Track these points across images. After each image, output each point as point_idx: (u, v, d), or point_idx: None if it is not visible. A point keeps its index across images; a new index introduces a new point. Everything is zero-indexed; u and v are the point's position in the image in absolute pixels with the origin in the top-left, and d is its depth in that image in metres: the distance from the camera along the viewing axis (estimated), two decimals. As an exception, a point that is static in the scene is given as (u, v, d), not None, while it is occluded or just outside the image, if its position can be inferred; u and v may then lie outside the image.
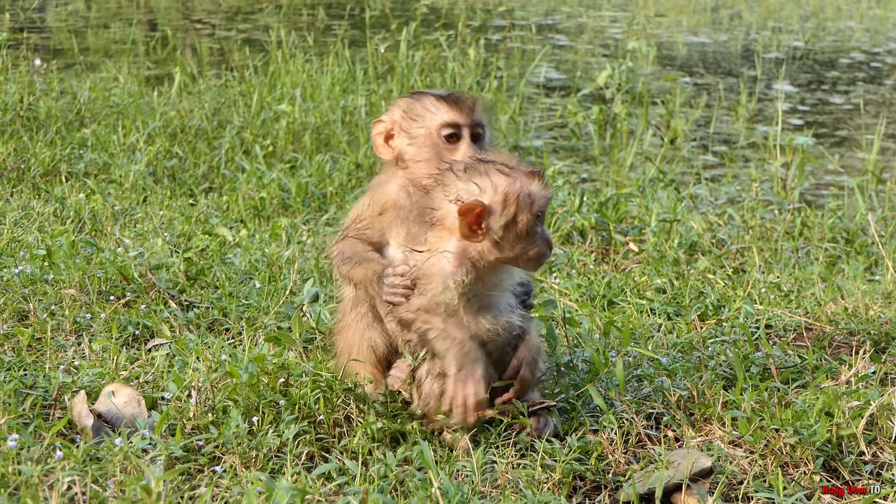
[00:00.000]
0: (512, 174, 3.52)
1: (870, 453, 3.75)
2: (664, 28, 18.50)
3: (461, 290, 3.55)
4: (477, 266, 3.55)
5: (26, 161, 7.35)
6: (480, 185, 3.51)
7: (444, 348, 3.54)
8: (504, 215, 3.48)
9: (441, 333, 3.54)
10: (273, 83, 10.38)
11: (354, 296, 3.87)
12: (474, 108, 3.78)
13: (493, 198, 3.49)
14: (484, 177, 3.51)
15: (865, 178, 9.01)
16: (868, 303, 5.22)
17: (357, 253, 3.79)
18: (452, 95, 3.80)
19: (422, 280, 3.58)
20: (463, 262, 3.54)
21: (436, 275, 3.56)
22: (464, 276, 3.54)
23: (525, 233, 3.51)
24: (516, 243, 3.52)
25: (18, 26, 15.63)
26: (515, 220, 3.49)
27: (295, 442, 3.53)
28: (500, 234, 3.49)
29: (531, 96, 12.33)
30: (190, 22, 17.40)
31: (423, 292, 3.58)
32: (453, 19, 16.76)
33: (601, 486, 3.52)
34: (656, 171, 8.48)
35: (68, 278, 4.91)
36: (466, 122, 3.75)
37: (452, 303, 3.55)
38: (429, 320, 3.56)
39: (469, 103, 3.77)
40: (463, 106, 3.75)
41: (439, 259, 3.56)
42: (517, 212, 3.49)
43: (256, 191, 7.33)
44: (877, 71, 15.37)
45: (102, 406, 3.65)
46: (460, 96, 3.79)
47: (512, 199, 3.48)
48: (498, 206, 3.48)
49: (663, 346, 4.63)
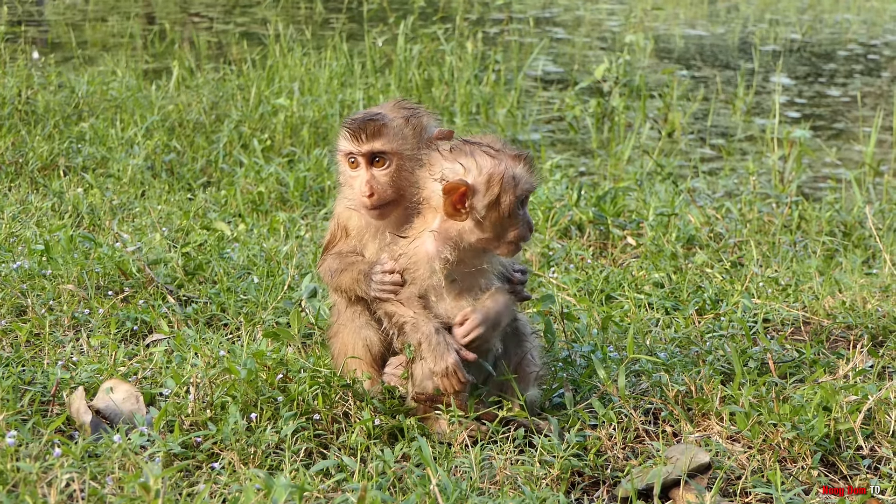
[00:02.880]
0: (497, 156, 3.57)
1: (867, 448, 3.75)
2: (661, 21, 18.49)
3: (446, 272, 3.58)
4: (458, 247, 3.60)
5: (24, 155, 7.35)
6: (465, 165, 3.56)
7: (416, 338, 3.59)
8: (487, 195, 3.53)
9: (412, 325, 3.59)
10: (271, 77, 10.38)
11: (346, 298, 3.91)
12: (371, 135, 3.78)
13: (477, 178, 3.53)
14: (469, 157, 3.57)
15: (863, 170, 9.02)
16: (866, 296, 5.23)
17: (341, 261, 3.85)
18: (353, 122, 3.81)
19: (409, 269, 3.61)
20: (446, 242, 3.59)
21: (421, 259, 3.61)
22: (448, 255, 3.57)
23: (507, 214, 3.55)
24: (498, 224, 3.56)
25: (16, 19, 15.61)
26: (498, 200, 3.53)
27: (293, 438, 3.53)
28: (482, 213, 3.54)
29: (529, 89, 12.32)
30: (188, 15, 17.37)
31: (412, 281, 3.61)
32: (451, 13, 16.75)
33: (599, 482, 3.53)
34: (654, 164, 8.48)
35: (66, 273, 4.91)
36: (359, 150, 3.78)
37: (440, 286, 3.58)
38: (403, 312, 3.60)
39: (367, 131, 3.77)
40: (360, 134, 3.77)
41: (423, 242, 3.61)
42: (500, 193, 3.53)
43: (255, 185, 7.33)
44: (874, 63, 15.37)
45: (101, 402, 3.65)
46: (358, 124, 3.80)
47: (496, 180, 3.53)
48: (482, 186, 3.53)
49: (661, 341, 4.63)
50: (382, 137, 3.75)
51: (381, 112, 3.82)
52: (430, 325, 3.58)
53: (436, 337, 3.56)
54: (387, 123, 3.76)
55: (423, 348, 3.57)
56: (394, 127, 3.77)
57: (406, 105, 3.89)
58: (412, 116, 3.83)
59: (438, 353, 3.56)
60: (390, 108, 3.86)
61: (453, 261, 3.60)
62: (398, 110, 3.85)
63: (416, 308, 3.60)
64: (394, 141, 3.76)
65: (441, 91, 10.71)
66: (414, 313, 3.59)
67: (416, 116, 3.83)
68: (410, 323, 3.60)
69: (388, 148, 3.75)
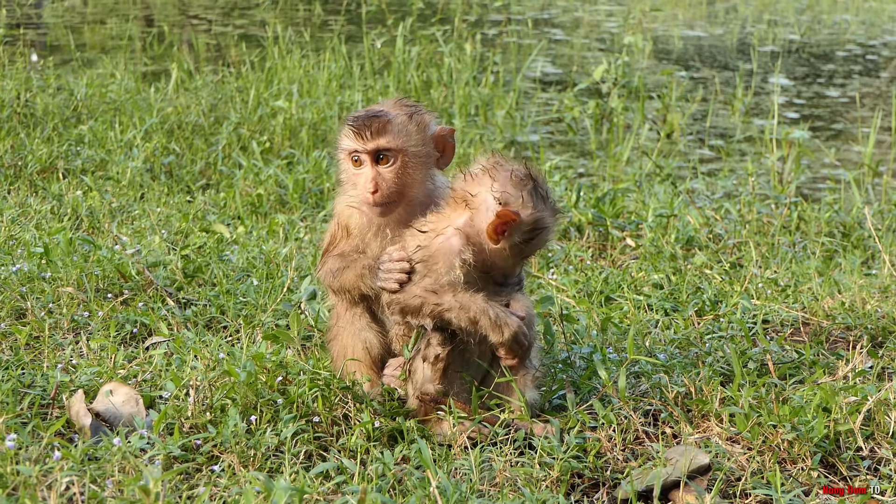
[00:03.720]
0: (549, 205, 3.68)
1: (867, 449, 3.75)
2: (660, 22, 18.49)
3: (465, 272, 3.58)
4: (479, 250, 3.63)
5: (23, 158, 7.34)
6: (524, 199, 3.62)
7: (469, 318, 3.56)
8: (526, 234, 3.62)
9: (460, 307, 3.56)
10: (270, 79, 10.38)
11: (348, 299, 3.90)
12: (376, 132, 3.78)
13: (528, 215, 3.60)
14: (528, 192, 3.63)
15: (862, 171, 9.02)
16: (865, 297, 5.23)
17: (343, 260, 3.85)
18: (357, 119, 3.81)
19: (427, 261, 3.60)
20: (469, 242, 3.62)
21: (443, 254, 3.60)
22: (468, 256, 3.59)
23: (524, 256, 3.70)
24: (513, 260, 3.67)
25: (15, 22, 15.61)
26: (529, 242, 3.63)
27: (293, 441, 3.53)
28: (509, 245, 3.61)
29: (528, 91, 12.32)
30: (186, 17, 17.37)
31: (427, 273, 3.60)
32: (449, 14, 16.75)
33: (599, 484, 3.53)
34: (653, 165, 8.49)
35: (66, 276, 4.91)
36: (364, 148, 3.77)
37: (458, 283, 3.58)
38: (439, 300, 3.57)
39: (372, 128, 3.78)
40: (364, 132, 3.77)
41: (447, 237, 3.62)
42: (536, 239, 3.65)
43: (254, 187, 7.33)
44: (873, 64, 15.37)
45: (100, 405, 3.65)
46: (362, 121, 3.80)
47: (540, 227, 3.64)
48: (527, 225, 3.60)
49: (661, 342, 4.63)
50: (387, 134, 3.75)
51: (384, 109, 3.82)
52: (479, 300, 3.56)
53: (492, 309, 3.55)
54: (391, 120, 3.77)
55: (483, 324, 3.54)
56: (398, 124, 3.78)
57: (407, 103, 3.89)
58: (415, 113, 3.83)
59: (501, 321, 3.55)
60: (392, 106, 3.86)
61: (472, 262, 3.61)
62: (400, 108, 3.85)
63: (452, 292, 3.58)
64: (398, 138, 3.77)
65: (440, 92, 10.71)
66: (454, 296, 3.57)
67: (418, 113, 3.84)
68: (456, 307, 3.56)
69: (394, 145, 3.75)
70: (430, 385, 3.63)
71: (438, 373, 3.64)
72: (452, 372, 3.66)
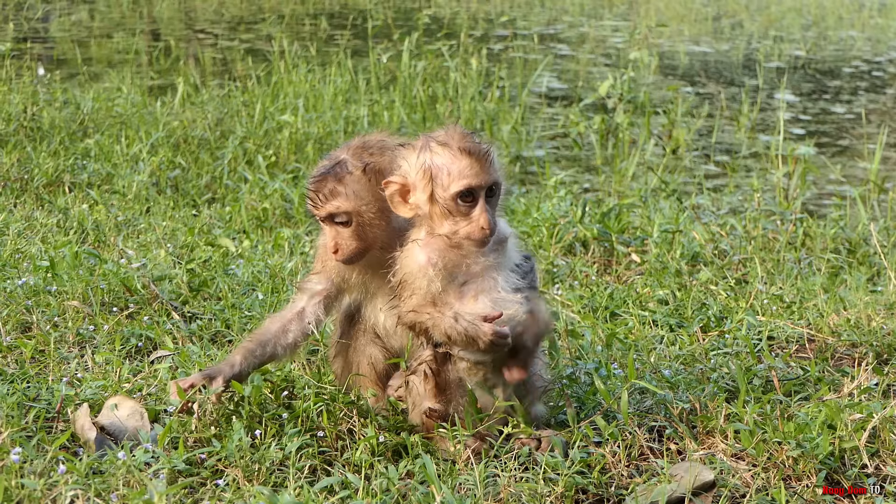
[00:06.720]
0: (438, 150, 3.54)
1: (872, 466, 3.74)
2: (666, 37, 18.52)
3: (443, 276, 3.55)
4: (444, 249, 3.55)
5: (29, 171, 7.36)
6: (408, 162, 3.58)
7: (443, 333, 3.52)
8: (423, 191, 3.54)
9: (433, 325, 3.54)
10: (276, 93, 10.41)
11: (348, 313, 3.90)
12: (326, 197, 3.75)
13: (413, 174, 3.55)
14: (413, 153, 3.58)
15: (867, 187, 9.01)
16: (870, 314, 5.22)
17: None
18: (311, 183, 3.77)
19: (407, 282, 3.58)
20: (433, 248, 3.55)
21: (415, 271, 3.57)
22: (438, 261, 3.54)
23: (447, 209, 3.52)
24: (446, 219, 3.54)
25: (22, 36, 15.66)
26: (433, 196, 3.53)
27: (298, 455, 3.53)
28: (426, 209, 3.55)
29: (533, 106, 12.34)
30: (193, 32, 17.42)
31: (413, 293, 3.58)
32: (455, 29, 16.79)
33: (604, 500, 3.52)
34: (658, 181, 8.49)
35: (71, 290, 4.91)
36: (319, 214, 3.76)
37: (439, 291, 3.54)
38: (419, 317, 3.57)
39: (323, 192, 3.74)
40: (316, 198, 3.74)
41: (412, 254, 3.58)
42: (434, 188, 3.53)
43: (259, 201, 7.34)
44: (879, 80, 15.38)
45: (105, 419, 3.65)
46: (314, 186, 3.75)
47: (427, 176, 3.53)
48: (419, 182, 3.55)
49: (666, 358, 4.63)
50: (338, 198, 3.67)
51: (337, 166, 3.71)
52: (446, 318, 3.50)
53: (460, 323, 3.49)
54: (343, 179, 3.68)
55: (455, 339, 3.49)
56: (350, 183, 3.69)
57: (369, 146, 3.77)
58: (371, 163, 3.71)
59: (471, 332, 3.47)
60: (352, 154, 3.74)
61: (446, 264, 3.56)
62: (359, 157, 3.73)
63: (428, 310, 3.55)
64: (351, 200, 3.68)
65: (445, 107, 10.72)
66: (429, 313, 3.54)
67: (375, 163, 3.71)
68: (430, 324, 3.54)
69: (346, 208, 3.68)
70: (428, 402, 3.62)
71: (433, 390, 3.62)
72: (453, 389, 3.64)
